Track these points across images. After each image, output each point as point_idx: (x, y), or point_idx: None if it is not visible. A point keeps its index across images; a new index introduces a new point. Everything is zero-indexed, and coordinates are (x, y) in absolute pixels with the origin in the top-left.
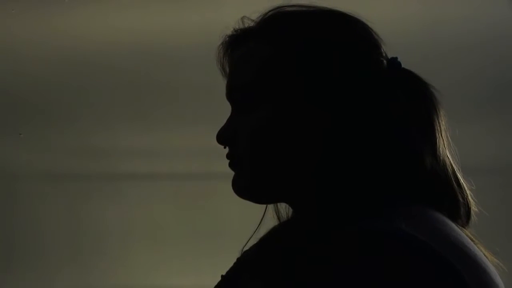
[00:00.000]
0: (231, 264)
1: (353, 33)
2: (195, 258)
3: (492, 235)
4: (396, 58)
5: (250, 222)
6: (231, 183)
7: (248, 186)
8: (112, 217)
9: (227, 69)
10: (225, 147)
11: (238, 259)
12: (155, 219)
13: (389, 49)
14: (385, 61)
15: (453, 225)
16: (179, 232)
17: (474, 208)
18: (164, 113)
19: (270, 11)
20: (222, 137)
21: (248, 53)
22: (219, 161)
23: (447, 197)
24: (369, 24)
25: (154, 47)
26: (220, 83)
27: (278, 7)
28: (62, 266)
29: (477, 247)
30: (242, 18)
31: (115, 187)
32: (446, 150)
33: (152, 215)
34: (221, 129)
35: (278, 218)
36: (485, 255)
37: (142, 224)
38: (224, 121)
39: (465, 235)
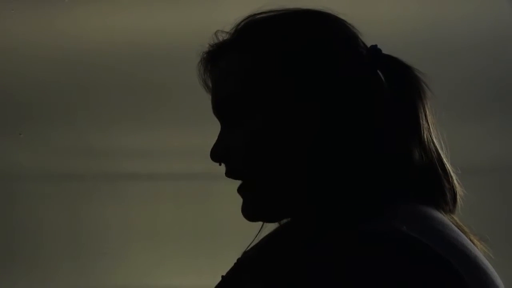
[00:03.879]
0: (230, 264)
1: (329, 28)
2: (195, 258)
3: (492, 235)
4: (376, 45)
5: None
6: (241, 210)
7: (256, 208)
8: (112, 217)
9: (210, 86)
10: (220, 164)
11: (238, 260)
12: (155, 219)
13: (389, 49)
14: (364, 51)
15: (452, 226)
16: (179, 232)
17: (460, 192)
18: (164, 113)
19: (242, 21)
20: (216, 154)
21: (229, 66)
22: None
23: (432, 182)
24: (344, 19)
25: (154, 47)
26: None
27: (250, 16)
28: (62, 266)
29: (470, 239)
30: (216, 33)
31: (115, 187)
32: (432, 135)
33: (152, 215)
34: (213, 146)
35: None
36: (473, 242)
37: (142, 224)
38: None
39: (457, 226)
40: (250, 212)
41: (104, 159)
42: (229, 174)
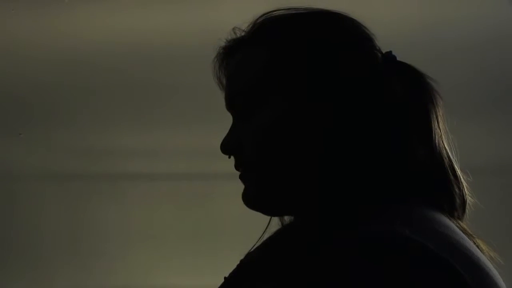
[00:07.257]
0: (231, 264)
1: (345, 29)
2: (195, 258)
3: (492, 235)
4: (391, 52)
5: (249, 222)
6: (241, 196)
7: (258, 196)
8: (112, 217)
9: (224, 81)
10: (229, 157)
11: (241, 261)
12: (155, 219)
13: (389, 49)
14: (379, 54)
15: (455, 228)
16: (179, 232)
17: (470, 199)
18: (164, 113)
19: (259, 18)
20: (226, 147)
21: (244, 60)
22: (219, 161)
23: (442, 187)
24: (361, 21)
25: (154, 47)
26: None
27: (266, 13)
28: (62, 266)
29: (476, 243)
30: (233, 29)
31: (115, 187)
32: (443, 141)
33: (152, 215)
34: (224, 138)
35: (282, 222)
36: (481, 250)
37: (142, 224)
38: (224, 121)
39: (462, 230)
40: (251, 198)
41: (104, 159)
42: (239, 167)
